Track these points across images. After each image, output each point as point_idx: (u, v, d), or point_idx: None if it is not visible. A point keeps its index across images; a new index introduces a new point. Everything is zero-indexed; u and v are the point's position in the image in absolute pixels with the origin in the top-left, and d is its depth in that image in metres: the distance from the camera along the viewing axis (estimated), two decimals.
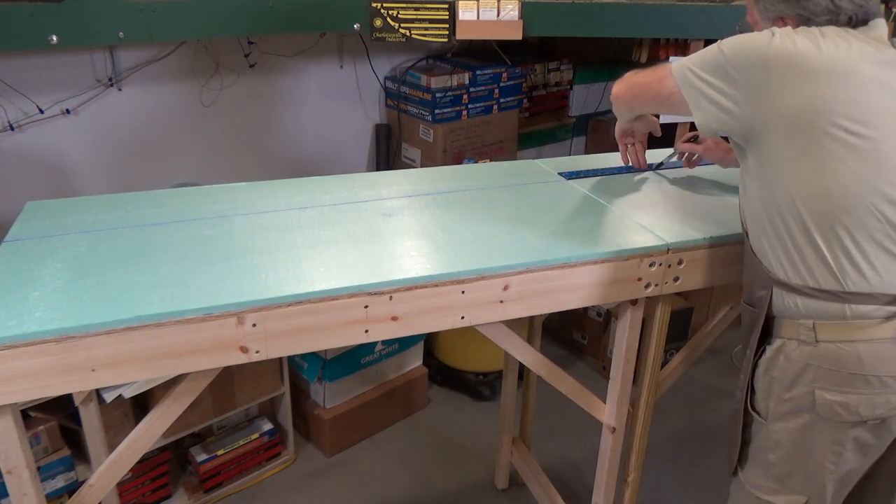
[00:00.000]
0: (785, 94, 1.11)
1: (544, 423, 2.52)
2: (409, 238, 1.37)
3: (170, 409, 1.22)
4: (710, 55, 1.18)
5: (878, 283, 1.12)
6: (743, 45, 1.16)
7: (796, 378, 1.20)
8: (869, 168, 1.09)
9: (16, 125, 2.16)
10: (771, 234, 1.21)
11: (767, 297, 1.23)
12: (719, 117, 1.19)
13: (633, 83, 1.38)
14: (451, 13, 2.27)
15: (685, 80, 1.21)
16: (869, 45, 1.12)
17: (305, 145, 2.85)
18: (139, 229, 1.37)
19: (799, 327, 1.19)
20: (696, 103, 1.20)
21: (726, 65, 1.16)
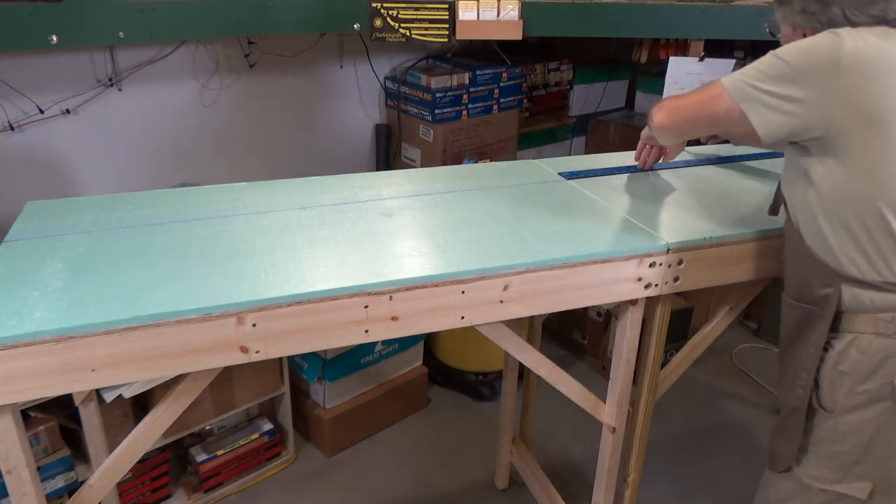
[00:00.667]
0: (861, 93, 1.12)
1: (544, 423, 2.52)
2: (409, 238, 1.37)
3: (170, 409, 1.22)
4: (769, 66, 1.18)
5: None
6: (807, 51, 1.16)
7: (874, 371, 1.23)
8: None
9: (16, 125, 2.16)
10: (841, 231, 1.21)
11: (836, 294, 1.24)
12: (786, 125, 1.18)
13: (678, 108, 1.35)
14: (451, 13, 2.27)
15: (743, 95, 1.20)
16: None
17: (305, 145, 2.85)
18: (139, 229, 1.37)
19: (876, 321, 1.21)
20: (759, 116, 1.20)
21: (792, 72, 1.16)
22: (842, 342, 1.26)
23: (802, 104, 1.16)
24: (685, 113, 1.34)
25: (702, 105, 1.29)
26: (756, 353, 3.10)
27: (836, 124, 1.15)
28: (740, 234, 1.46)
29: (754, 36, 2.48)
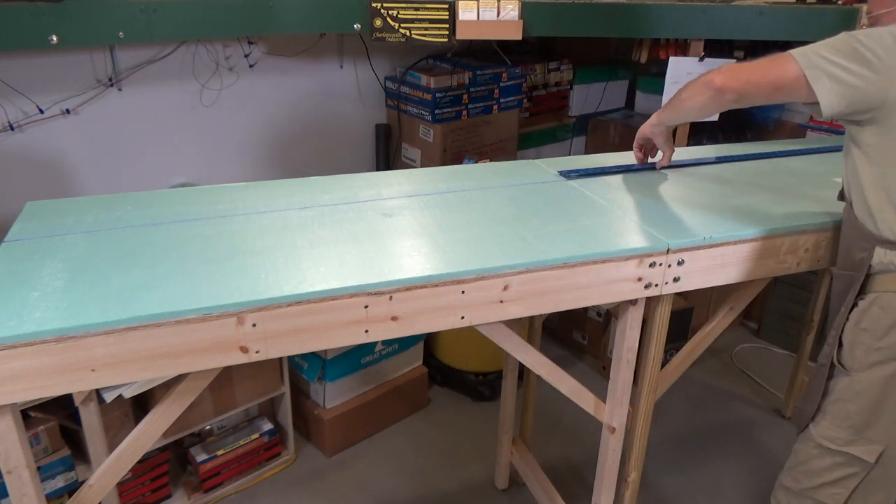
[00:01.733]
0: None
1: (544, 423, 2.52)
2: (409, 238, 1.37)
3: (170, 409, 1.22)
4: (842, 41, 1.26)
5: None
6: (879, 31, 1.25)
7: (891, 326, 1.31)
8: None
9: (16, 125, 2.16)
10: (881, 195, 1.30)
11: (869, 257, 1.33)
12: (846, 95, 1.25)
13: (742, 71, 1.37)
14: (451, 13, 2.27)
15: (810, 62, 1.27)
16: None
17: (305, 145, 2.85)
18: (139, 229, 1.37)
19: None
20: (823, 84, 1.26)
21: (861, 48, 1.23)
22: (866, 300, 1.34)
23: (862, 77, 1.23)
24: (750, 75, 1.36)
25: (769, 70, 1.33)
26: (756, 353, 3.10)
27: (890, 100, 1.23)
28: (740, 234, 1.46)
29: (754, 36, 2.48)
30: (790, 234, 1.50)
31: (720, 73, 1.39)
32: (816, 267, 1.59)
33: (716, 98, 1.43)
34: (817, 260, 1.57)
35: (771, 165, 1.90)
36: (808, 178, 1.80)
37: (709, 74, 1.41)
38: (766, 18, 2.41)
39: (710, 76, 1.41)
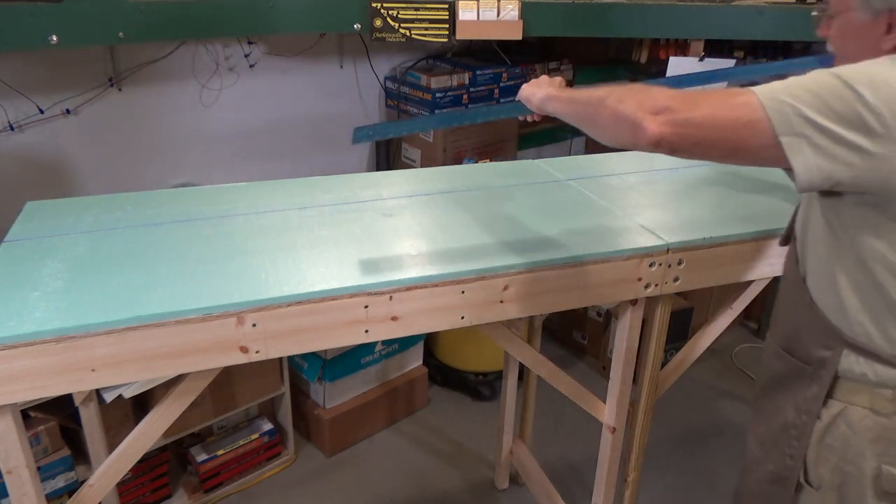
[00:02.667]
0: None
1: (544, 423, 2.52)
2: (409, 238, 1.37)
3: (170, 409, 1.22)
4: (833, 93, 0.87)
5: None
6: (888, 83, 0.87)
7: (862, 451, 1.06)
8: None
9: (16, 125, 2.16)
10: (862, 293, 1.01)
11: (835, 358, 1.06)
12: (832, 174, 0.90)
13: (690, 123, 0.91)
14: (451, 13, 2.27)
15: (789, 127, 0.88)
16: None
17: (305, 145, 2.85)
18: (139, 229, 1.37)
19: (873, 396, 1.03)
20: (803, 159, 0.89)
21: (863, 109, 0.86)
22: (830, 412, 1.08)
23: (865, 155, 0.87)
24: (700, 132, 0.91)
25: (731, 130, 0.91)
26: (756, 353, 3.10)
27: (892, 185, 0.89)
28: (740, 234, 1.46)
29: (754, 36, 2.48)
30: None
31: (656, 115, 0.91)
32: None
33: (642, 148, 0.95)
34: None
35: None
36: None
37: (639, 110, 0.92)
38: (766, 18, 2.41)
39: (639, 115, 0.91)
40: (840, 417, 1.07)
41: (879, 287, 0.99)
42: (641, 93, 0.95)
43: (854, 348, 1.04)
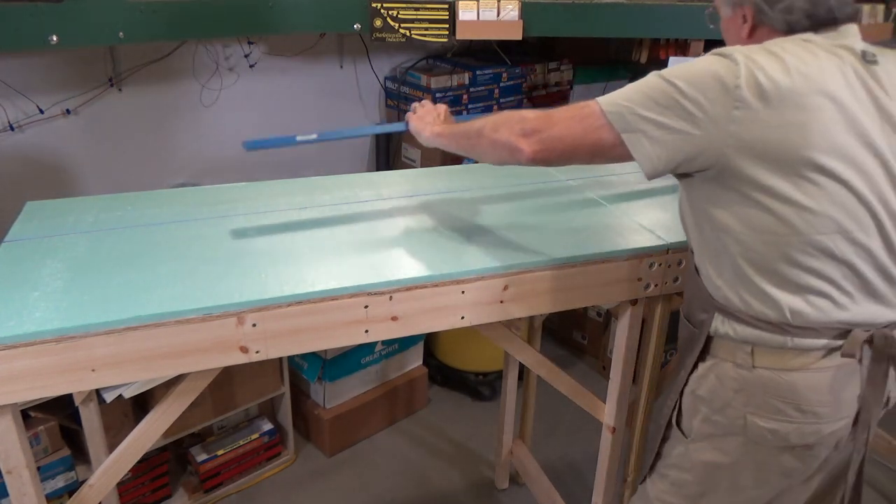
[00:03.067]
0: (753, 129, 0.98)
1: (544, 423, 2.52)
2: (409, 238, 1.37)
3: (170, 409, 1.22)
4: (657, 90, 1.01)
5: (824, 319, 1.06)
6: (698, 75, 1.00)
7: (728, 401, 1.15)
8: (835, 205, 1.00)
9: (16, 125, 2.16)
10: (719, 260, 1.11)
11: (709, 321, 1.16)
12: (672, 159, 1.03)
13: (552, 139, 1.09)
14: (451, 13, 2.27)
15: (626, 125, 1.03)
16: (839, 62, 1.01)
17: (305, 146, 2.84)
18: (139, 229, 1.37)
19: (736, 351, 1.13)
20: (644, 151, 1.03)
21: (682, 100, 0.99)
22: (705, 366, 1.19)
23: (686, 137, 1.01)
24: (563, 144, 1.09)
25: (584, 138, 1.07)
26: None
27: (721, 159, 1.01)
28: None
29: None
30: None
31: (526, 137, 1.09)
32: None
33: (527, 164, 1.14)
34: None
35: None
36: None
37: (512, 135, 1.11)
38: None
39: (513, 139, 1.11)
40: (711, 370, 1.18)
41: (729, 255, 1.08)
42: (511, 119, 1.14)
43: (721, 310, 1.14)
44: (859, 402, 1.11)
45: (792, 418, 1.11)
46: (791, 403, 1.10)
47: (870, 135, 1.00)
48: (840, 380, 1.09)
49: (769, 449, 1.15)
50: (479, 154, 1.23)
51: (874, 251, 1.04)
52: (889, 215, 1.03)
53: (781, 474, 1.18)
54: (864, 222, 1.02)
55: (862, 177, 1.00)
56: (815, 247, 1.02)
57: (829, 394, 1.09)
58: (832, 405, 1.10)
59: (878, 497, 2.30)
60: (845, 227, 1.01)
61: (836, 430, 1.12)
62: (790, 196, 1.00)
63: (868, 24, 2.31)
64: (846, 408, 1.11)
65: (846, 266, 1.04)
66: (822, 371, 1.08)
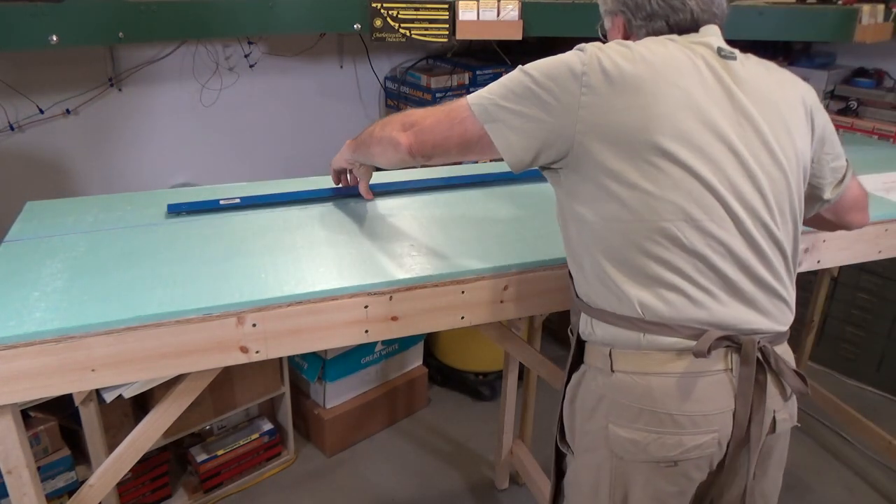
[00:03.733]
0: (599, 112, 0.99)
1: (544, 423, 2.52)
2: (409, 238, 1.37)
3: (170, 409, 1.22)
4: (514, 81, 1.05)
5: (676, 314, 1.02)
6: (551, 65, 1.03)
7: (593, 410, 1.10)
8: (675, 189, 0.99)
9: (16, 125, 2.16)
10: (579, 256, 1.10)
11: (577, 322, 1.14)
12: (531, 147, 1.05)
13: (424, 130, 1.14)
14: (451, 13, 2.27)
15: (488, 116, 1.06)
16: (691, 54, 1.03)
17: (305, 145, 2.85)
18: (139, 229, 1.37)
19: (599, 354, 1.09)
20: (505, 139, 1.05)
21: (536, 89, 1.03)
22: (578, 374, 1.15)
23: (543, 125, 1.03)
24: (435, 136, 1.14)
25: (451, 130, 1.11)
26: None
27: (574, 147, 1.02)
28: None
29: (754, 36, 2.48)
30: None
31: (405, 131, 1.16)
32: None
33: (411, 161, 1.20)
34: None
35: None
36: None
37: (394, 130, 1.18)
38: (766, 18, 2.41)
39: (394, 133, 1.17)
40: (583, 379, 1.14)
41: (588, 250, 1.07)
42: (397, 116, 1.20)
43: (585, 310, 1.11)
44: (734, 419, 1.04)
45: (651, 427, 1.04)
46: (648, 410, 1.04)
47: (719, 125, 1.00)
48: (701, 388, 1.03)
49: (636, 465, 1.07)
50: (373, 155, 1.27)
51: (732, 246, 1.01)
52: (745, 209, 1.01)
53: (655, 500, 1.08)
54: (716, 213, 1.00)
55: (709, 165, 0.99)
56: (662, 234, 1.00)
57: (687, 401, 1.03)
58: (694, 415, 1.03)
59: (878, 497, 2.30)
60: (691, 215, 0.99)
61: (701, 443, 1.04)
62: (635, 181, 0.99)
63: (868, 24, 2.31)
64: (713, 421, 1.03)
65: (697, 258, 1.00)
66: (679, 376, 1.03)
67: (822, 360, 2.97)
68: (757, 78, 1.06)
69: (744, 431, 1.04)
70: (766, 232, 1.03)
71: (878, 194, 1.67)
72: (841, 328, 2.90)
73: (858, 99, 2.77)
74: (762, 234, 1.03)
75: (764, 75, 1.08)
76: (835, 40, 2.79)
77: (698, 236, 0.99)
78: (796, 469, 2.36)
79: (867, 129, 2.67)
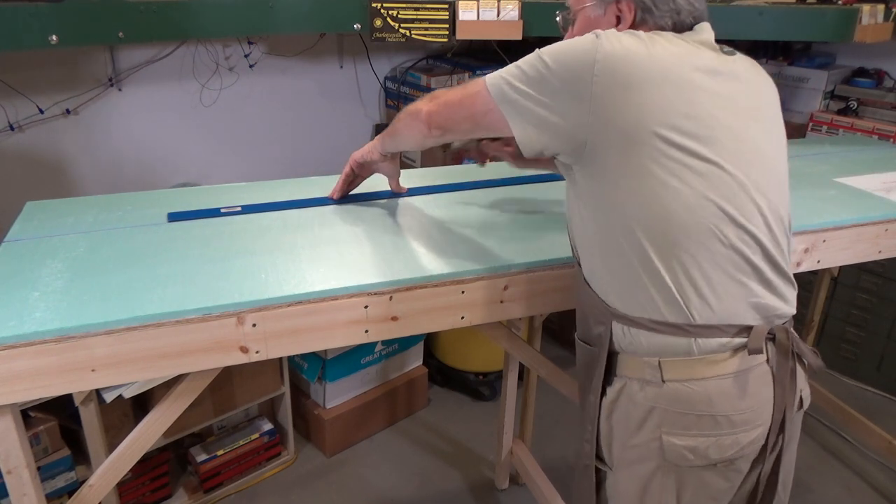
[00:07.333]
0: (616, 104, 0.97)
1: (544, 423, 2.52)
2: (409, 238, 1.37)
3: (170, 409, 1.22)
4: (530, 65, 1.03)
5: (725, 313, 1.02)
6: (567, 52, 1.01)
7: (642, 422, 1.07)
8: (708, 186, 0.98)
9: (16, 125, 2.16)
10: (607, 262, 1.07)
11: (607, 333, 1.09)
12: (544, 135, 1.04)
13: (442, 103, 1.18)
14: (451, 13, 2.27)
15: (502, 96, 1.06)
16: (697, 50, 1.03)
17: (305, 145, 2.85)
18: (139, 229, 1.37)
19: (644, 366, 1.05)
20: (517, 121, 1.05)
21: (550, 76, 1.01)
22: (614, 389, 1.10)
23: (557, 113, 1.01)
24: (449, 110, 1.17)
25: (463, 103, 1.14)
26: None
27: (590, 140, 1.00)
28: None
29: (754, 36, 2.48)
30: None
31: (430, 98, 1.21)
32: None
33: (428, 134, 1.23)
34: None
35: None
36: (807, 179, 1.80)
37: (418, 103, 1.23)
38: (766, 18, 2.41)
39: (418, 104, 1.23)
40: (622, 393, 1.09)
41: (621, 251, 1.03)
42: (426, 96, 1.24)
43: (618, 318, 1.07)
44: (774, 406, 1.05)
45: (709, 432, 1.04)
46: (706, 415, 1.03)
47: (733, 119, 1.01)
48: (752, 384, 1.04)
49: (691, 470, 1.06)
50: (398, 132, 1.34)
51: (760, 238, 1.02)
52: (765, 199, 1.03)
53: (709, 498, 1.09)
54: (746, 208, 1.01)
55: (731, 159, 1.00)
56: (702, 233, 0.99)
57: (742, 400, 1.03)
58: (747, 412, 1.04)
59: (877, 497, 2.30)
60: (726, 211, 0.99)
61: (753, 438, 1.05)
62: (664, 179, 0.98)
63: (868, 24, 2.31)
64: (761, 414, 1.05)
65: (736, 253, 1.01)
66: (733, 376, 1.03)
67: (822, 360, 2.97)
68: (752, 74, 1.09)
69: (785, 416, 1.06)
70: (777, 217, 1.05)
71: (878, 194, 1.67)
72: (841, 328, 2.90)
73: (858, 99, 2.77)
74: (775, 219, 1.05)
75: (754, 71, 1.10)
76: (835, 40, 2.79)
77: (735, 232, 1.00)
78: (796, 469, 2.36)
79: (867, 129, 2.67)
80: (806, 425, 2.58)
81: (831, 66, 2.91)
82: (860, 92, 2.79)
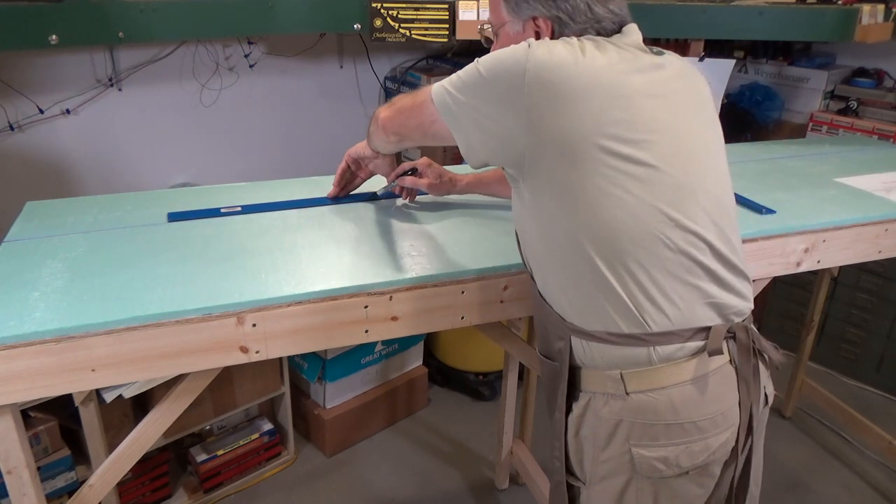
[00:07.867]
0: (549, 117, 0.96)
1: (544, 423, 2.52)
2: (409, 238, 1.37)
3: (170, 409, 1.22)
4: (468, 74, 1.02)
5: (680, 318, 1.00)
6: (500, 61, 0.99)
7: (610, 437, 1.05)
8: (650, 193, 0.97)
9: (16, 125, 2.16)
10: (559, 276, 1.05)
11: (567, 348, 1.07)
12: (486, 146, 1.03)
13: (398, 109, 1.19)
14: (451, 13, 2.27)
15: (444, 106, 1.05)
16: (628, 53, 1.02)
17: (305, 145, 2.85)
18: (139, 229, 1.37)
19: (606, 379, 1.03)
20: (459, 131, 1.05)
21: (485, 84, 1.00)
22: (580, 404, 1.08)
23: (495, 122, 1.00)
24: (401, 117, 1.18)
25: (412, 112, 1.14)
26: None
27: (528, 151, 0.98)
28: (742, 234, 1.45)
29: (754, 36, 2.49)
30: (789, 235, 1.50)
31: (386, 108, 1.22)
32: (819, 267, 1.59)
33: (388, 140, 1.25)
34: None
35: (770, 166, 1.91)
36: (807, 179, 1.80)
37: (381, 107, 1.24)
38: (766, 18, 2.41)
39: (379, 110, 1.23)
40: (588, 408, 1.07)
41: (571, 265, 1.02)
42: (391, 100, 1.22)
43: (576, 332, 1.05)
44: (740, 406, 1.05)
45: (678, 440, 1.02)
46: (674, 424, 1.02)
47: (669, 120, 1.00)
48: (716, 386, 1.03)
49: (663, 481, 1.05)
50: (371, 135, 1.34)
51: (708, 238, 1.01)
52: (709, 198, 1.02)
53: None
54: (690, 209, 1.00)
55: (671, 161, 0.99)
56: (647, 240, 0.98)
57: (708, 404, 1.02)
58: (714, 415, 1.03)
59: (877, 497, 2.30)
60: (670, 215, 0.98)
61: (724, 441, 1.04)
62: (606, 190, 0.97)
63: (868, 24, 2.31)
64: (729, 416, 1.04)
65: (684, 256, 0.99)
66: (694, 381, 1.02)
67: (822, 360, 2.98)
68: (684, 70, 1.08)
69: (749, 415, 1.05)
70: (722, 211, 1.05)
71: (878, 194, 1.67)
72: (841, 328, 2.90)
73: (858, 99, 2.77)
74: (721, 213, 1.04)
75: (686, 67, 1.09)
76: (835, 40, 2.79)
77: (681, 236, 0.99)
78: (796, 469, 2.36)
79: (867, 129, 2.67)
80: (806, 425, 2.58)
81: (831, 66, 2.91)
82: (860, 92, 2.79)
